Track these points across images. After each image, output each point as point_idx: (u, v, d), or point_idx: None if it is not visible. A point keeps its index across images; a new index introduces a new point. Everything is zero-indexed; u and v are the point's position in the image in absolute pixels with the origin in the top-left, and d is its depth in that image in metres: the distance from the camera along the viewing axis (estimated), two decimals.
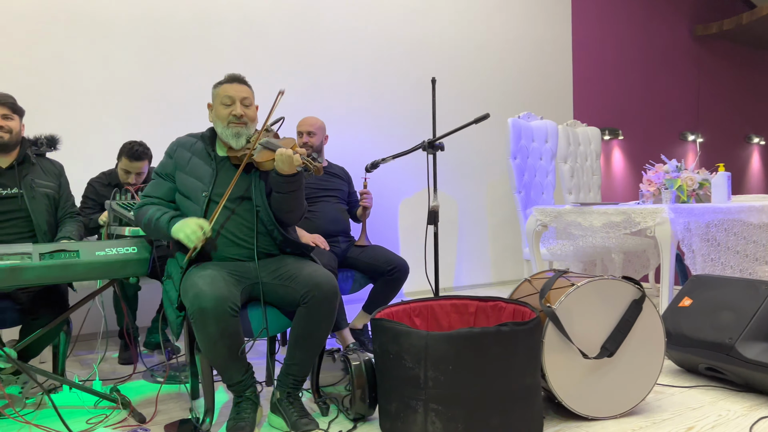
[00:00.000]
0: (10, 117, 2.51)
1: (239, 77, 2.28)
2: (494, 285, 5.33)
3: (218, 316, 1.90)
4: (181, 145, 2.29)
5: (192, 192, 2.20)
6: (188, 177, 2.22)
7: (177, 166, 2.26)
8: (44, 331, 2.34)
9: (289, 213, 2.22)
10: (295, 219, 2.26)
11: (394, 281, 3.00)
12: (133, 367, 2.84)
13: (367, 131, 4.69)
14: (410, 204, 4.88)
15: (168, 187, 2.26)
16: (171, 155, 2.28)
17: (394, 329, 1.96)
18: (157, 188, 2.27)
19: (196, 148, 2.28)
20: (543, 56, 5.69)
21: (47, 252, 2.12)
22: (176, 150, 2.29)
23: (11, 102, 2.51)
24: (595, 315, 2.14)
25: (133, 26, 3.79)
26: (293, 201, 2.19)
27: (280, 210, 2.21)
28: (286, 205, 2.19)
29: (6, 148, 2.52)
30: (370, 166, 2.92)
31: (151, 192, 2.28)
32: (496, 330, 1.88)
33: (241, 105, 2.23)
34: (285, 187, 2.14)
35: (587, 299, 2.14)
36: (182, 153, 2.27)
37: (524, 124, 4.29)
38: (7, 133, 2.50)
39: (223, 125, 2.22)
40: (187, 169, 2.24)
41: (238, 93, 2.23)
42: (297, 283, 2.08)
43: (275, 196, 2.19)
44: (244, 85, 2.27)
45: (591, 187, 4.93)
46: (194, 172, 2.22)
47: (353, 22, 4.63)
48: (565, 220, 3.41)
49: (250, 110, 2.26)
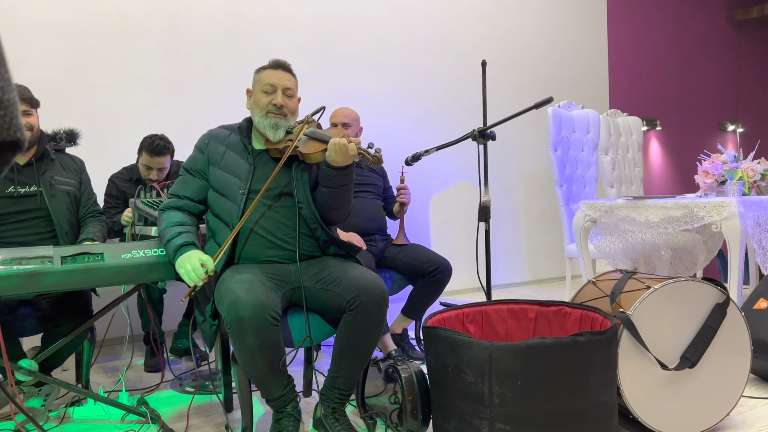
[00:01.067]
0: (29, 113, 2.34)
1: (284, 64, 2.09)
2: (530, 284, 5.10)
3: (257, 325, 1.71)
4: (213, 138, 2.10)
5: (228, 189, 2.01)
6: (223, 173, 2.03)
7: (210, 161, 2.06)
8: (67, 340, 2.17)
9: (338, 210, 2.03)
10: (342, 216, 2.07)
11: (436, 283, 2.79)
12: (160, 375, 2.67)
13: (403, 122, 4.47)
14: (443, 199, 4.67)
15: (198, 185, 2.07)
16: (202, 149, 2.09)
17: (452, 339, 1.75)
18: (186, 186, 2.08)
19: (231, 140, 2.09)
20: (578, 44, 5.44)
21: (69, 255, 1.94)
22: (209, 143, 2.09)
23: (29, 96, 2.34)
24: (673, 321, 1.92)
25: (154, 19, 3.62)
26: (343, 196, 2.00)
27: (327, 207, 2.02)
28: (335, 201, 2.00)
29: (30, 145, 2.36)
30: (411, 158, 2.72)
31: (178, 191, 2.08)
32: (571, 341, 1.66)
33: (282, 94, 2.04)
34: (337, 181, 1.95)
35: (664, 304, 1.91)
36: (216, 146, 2.08)
37: (565, 114, 4.06)
38: (28, 130, 2.33)
39: (261, 114, 2.03)
40: (222, 164, 2.04)
41: (280, 81, 2.04)
42: (342, 287, 1.88)
43: (323, 192, 2.00)
44: (289, 74, 2.08)
45: (633, 180, 4.68)
46: (230, 167, 2.03)
47: (386, 9, 4.42)
48: (618, 215, 3.18)
49: (291, 101, 2.07)
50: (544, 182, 5.16)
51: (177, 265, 1.88)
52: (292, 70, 2.12)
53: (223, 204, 2.00)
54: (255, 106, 2.05)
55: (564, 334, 2.05)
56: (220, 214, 2.00)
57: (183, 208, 2.07)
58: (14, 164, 2.34)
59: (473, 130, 2.31)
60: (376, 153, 1.88)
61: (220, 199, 2.01)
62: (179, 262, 1.88)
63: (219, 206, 2.01)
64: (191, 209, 2.08)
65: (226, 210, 1.98)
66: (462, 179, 4.73)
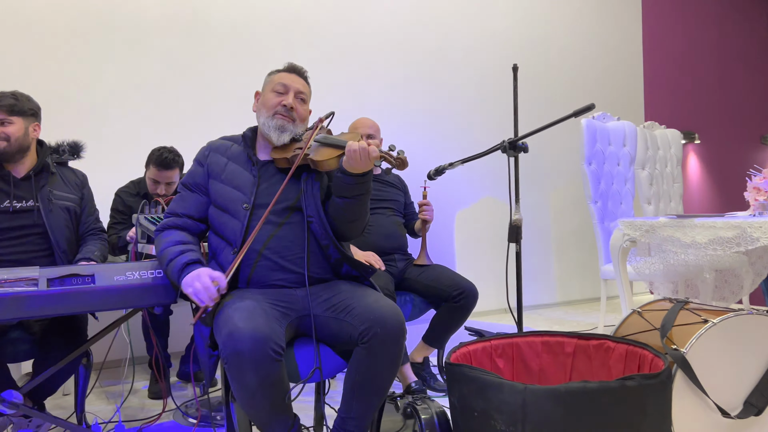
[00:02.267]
0: (8, 121, 2.16)
1: (300, 69, 1.94)
2: (560, 305, 4.83)
3: (257, 361, 1.50)
4: (214, 150, 1.92)
5: (230, 204, 1.82)
6: (225, 186, 1.84)
7: (210, 175, 1.88)
8: (57, 367, 1.99)
9: (354, 222, 1.82)
10: (358, 230, 1.87)
11: (460, 308, 2.56)
12: (163, 403, 2.48)
13: (425, 133, 4.27)
14: (469, 216, 4.44)
15: (198, 201, 1.88)
16: (202, 162, 1.91)
17: (479, 380, 1.53)
18: (185, 204, 1.89)
19: (233, 151, 1.90)
20: (613, 52, 5.19)
21: (57, 277, 1.77)
22: (209, 156, 1.91)
23: (7, 104, 2.15)
24: (735, 361, 1.67)
25: (165, 28, 3.49)
26: (360, 207, 1.79)
27: (342, 220, 1.81)
28: (350, 212, 1.79)
29: (7, 156, 2.18)
30: (433, 172, 2.50)
31: (176, 208, 1.89)
32: (619, 385, 1.43)
33: (295, 97, 1.87)
34: (354, 190, 1.74)
35: (725, 340, 1.66)
36: (216, 159, 1.89)
37: (600, 126, 3.81)
38: (3, 141, 2.15)
39: (267, 115, 1.86)
40: (223, 177, 1.86)
41: (294, 83, 1.89)
42: (354, 316, 1.67)
43: (337, 203, 1.79)
44: (303, 80, 1.93)
45: (672, 196, 4.39)
46: (232, 180, 1.84)
47: (409, 15, 4.23)
48: (660, 234, 2.92)
49: (303, 107, 1.91)
50: (576, 197, 4.90)
51: (184, 285, 1.68)
52: (307, 77, 1.96)
53: (225, 221, 1.81)
54: (262, 107, 1.89)
55: (607, 372, 1.81)
56: (222, 232, 1.81)
57: (183, 227, 1.88)
58: (11, 177, 2.19)
59: (503, 141, 2.09)
60: (399, 155, 1.67)
61: (222, 215, 1.82)
62: (186, 281, 1.68)
63: (221, 223, 1.82)
64: (191, 228, 1.89)
65: (229, 227, 1.79)
66: (489, 195, 4.50)
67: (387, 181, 2.89)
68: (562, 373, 1.87)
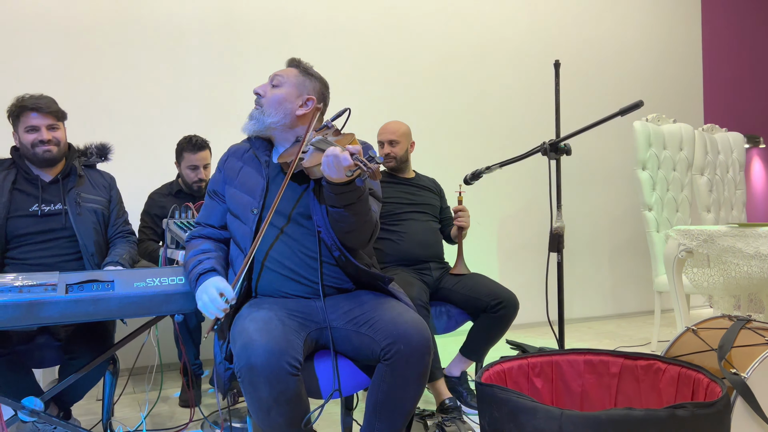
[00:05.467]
0: (56, 126, 2.18)
1: (293, 59, 1.88)
2: (612, 318, 4.58)
3: (272, 375, 1.41)
4: (232, 155, 1.86)
5: (241, 209, 1.74)
6: (237, 191, 1.78)
7: (226, 181, 1.82)
8: (80, 374, 1.95)
9: (351, 233, 1.67)
10: (360, 241, 1.71)
11: (499, 319, 2.41)
12: (190, 413, 2.43)
13: (460, 135, 4.13)
14: (511, 223, 4.26)
15: (219, 209, 1.84)
16: (220, 169, 1.87)
17: (512, 403, 1.39)
18: (208, 213, 1.86)
19: (249, 155, 1.84)
20: (669, 51, 4.91)
21: (76, 283, 1.73)
22: (226, 161, 1.86)
23: (56, 109, 2.18)
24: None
25: (203, 32, 3.48)
26: (353, 218, 1.63)
27: (338, 230, 1.68)
28: (344, 223, 1.64)
29: (56, 161, 2.20)
30: (470, 176, 2.38)
31: (203, 218, 1.87)
32: (668, 415, 1.26)
33: (268, 83, 1.82)
34: (338, 200, 1.59)
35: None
36: (232, 164, 1.84)
37: (654, 129, 3.59)
38: (54, 145, 2.18)
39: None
40: (237, 182, 1.79)
41: (277, 73, 1.83)
42: (376, 331, 1.55)
43: (330, 213, 1.66)
44: (290, 67, 1.86)
45: (734, 203, 4.10)
46: (244, 184, 1.77)
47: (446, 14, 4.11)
48: (719, 245, 2.69)
49: (272, 90, 1.80)
50: (630, 205, 4.64)
51: (197, 298, 1.65)
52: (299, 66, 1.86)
53: (237, 227, 1.74)
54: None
55: (656, 396, 1.64)
56: (236, 238, 1.75)
57: (207, 236, 1.84)
58: (39, 181, 2.18)
59: (543, 143, 1.94)
60: (374, 164, 1.45)
61: (235, 221, 1.75)
62: (198, 294, 1.65)
63: (234, 229, 1.76)
64: (216, 237, 1.84)
65: (240, 234, 1.72)
66: (535, 200, 4.31)
67: (420, 184, 2.77)
68: (607, 396, 1.71)
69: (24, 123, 2.14)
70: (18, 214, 2.14)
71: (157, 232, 2.79)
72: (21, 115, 2.15)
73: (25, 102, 2.14)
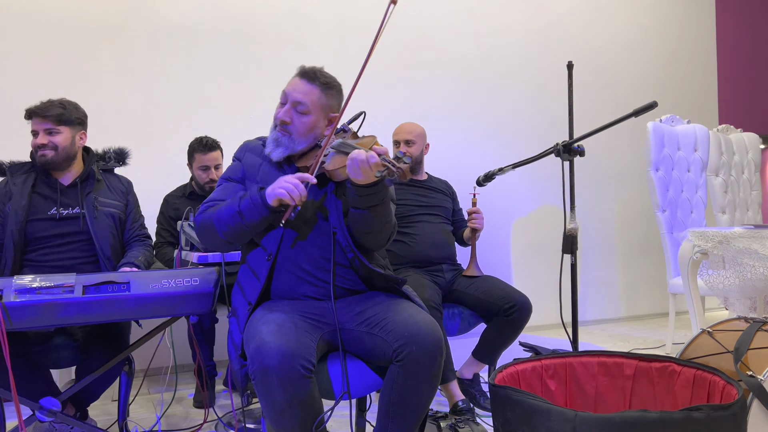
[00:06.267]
0: (56, 131, 2.17)
1: (308, 73, 1.76)
2: (625, 320, 4.55)
3: (285, 377, 1.42)
4: (250, 150, 1.87)
5: None
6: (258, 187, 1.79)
7: (246, 175, 1.83)
8: (96, 375, 1.98)
9: (371, 234, 1.69)
10: (378, 243, 1.73)
11: (512, 322, 2.41)
12: (204, 413, 2.44)
13: (474, 136, 4.12)
14: (526, 224, 4.25)
15: (237, 190, 1.82)
16: (239, 159, 1.87)
17: (525, 404, 1.39)
18: (225, 193, 1.81)
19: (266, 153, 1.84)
20: (682, 51, 4.88)
21: (93, 284, 1.75)
22: (245, 155, 1.86)
23: (56, 113, 2.15)
24: None
25: (217, 37, 3.51)
26: (376, 219, 1.65)
27: (359, 231, 1.69)
28: (365, 224, 1.66)
29: (55, 165, 2.19)
30: (483, 178, 2.38)
31: (217, 197, 1.82)
32: (684, 417, 1.26)
33: (291, 108, 1.73)
34: (362, 202, 1.61)
35: None
36: (252, 159, 1.84)
37: (668, 129, 3.57)
38: (51, 150, 2.16)
39: (272, 126, 1.79)
40: (258, 178, 1.80)
41: (294, 92, 1.73)
42: (388, 332, 1.56)
43: (353, 214, 1.68)
44: (310, 85, 1.74)
45: (749, 205, 4.07)
46: (266, 182, 1.78)
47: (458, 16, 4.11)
48: (735, 246, 2.67)
49: (300, 119, 1.73)
50: (643, 206, 4.61)
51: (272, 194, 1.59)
52: (316, 80, 1.75)
53: None
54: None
55: (671, 399, 1.63)
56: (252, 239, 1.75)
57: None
58: (58, 185, 2.21)
59: (556, 144, 1.94)
60: (402, 164, 1.47)
61: None
62: (274, 187, 1.59)
63: None
64: None
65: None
66: (549, 202, 4.30)
67: (433, 186, 2.78)
68: (621, 399, 1.70)
69: (30, 127, 2.18)
70: (37, 217, 2.17)
71: (173, 234, 2.82)
72: (29, 119, 2.18)
73: (32, 108, 2.17)
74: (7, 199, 2.18)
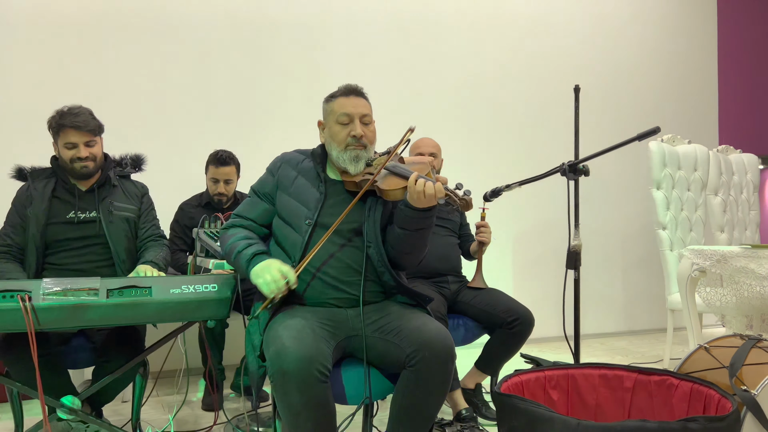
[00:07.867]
0: (93, 142, 2.26)
1: (356, 89, 1.88)
2: (624, 334, 4.62)
3: (302, 381, 1.50)
4: (286, 162, 1.94)
5: (294, 217, 1.83)
6: (291, 199, 1.87)
7: (279, 186, 1.91)
8: (113, 377, 2.05)
9: (409, 255, 1.81)
10: (413, 263, 1.85)
11: (515, 335, 2.48)
12: (214, 416, 2.51)
13: (482, 153, 4.21)
14: (527, 239, 4.33)
15: (264, 208, 1.92)
16: (273, 172, 1.94)
17: (530, 413, 1.46)
18: (251, 208, 1.93)
19: (304, 166, 1.92)
20: (684, 73, 4.98)
21: (116, 288, 1.83)
22: (280, 167, 1.94)
23: (93, 126, 2.24)
24: None
25: (231, 38, 3.60)
26: (419, 241, 1.77)
27: (399, 250, 1.80)
28: (408, 244, 1.77)
29: (91, 175, 2.29)
30: (489, 194, 2.46)
31: (243, 212, 1.94)
32: (681, 427, 1.33)
33: (360, 123, 1.83)
34: (415, 224, 1.73)
35: None
36: (287, 171, 1.92)
37: (669, 149, 3.66)
38: (92, 161, 2.25)
39: (339, 149, 1.83)
40: (291, 190, 1.88)
41: (356, 109, 1.84)
42: (402, 338, 1.64)
43: (397, 233, 1.78)
44: (363, 99, 1.88)
45: (747, 224, 4.15)
46: (299, 194, 1.86)
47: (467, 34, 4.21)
48: (732, 265, 2.75)
49: (369, 129, 1.86)
50: (644, 224, 4.70)
51: (253, 275, 1.71)
52: (365, 95, 1.91)
53: (287, 233, 1.83)
54: (332, 141, 1.86)
55: (669, 410, 1.70)
56: (282, 244, 1.84)
57: (248, 228, 1.92)
58: (76, 189, 2.29)
59: (563, 164, 2.02)
60: (464, 196, 1.62)
61: (285, 227, 1.85)
62: (256, 271, 1.71)
63: (283, 235, 1.85)
64: (255, 231, 1.93)
65: (290, 240, 1.81)
66: (550, 218, 4.38)
67: None
68: (620, 410, 1.78)
69: (64, 139, 2.21)
70: (56, 220, 2.25)
71: (186, 242, 2.89)
72: (60, 131, 2.23)
73: (64, 120, 2.19)
74: (28, 203, 2.25)
